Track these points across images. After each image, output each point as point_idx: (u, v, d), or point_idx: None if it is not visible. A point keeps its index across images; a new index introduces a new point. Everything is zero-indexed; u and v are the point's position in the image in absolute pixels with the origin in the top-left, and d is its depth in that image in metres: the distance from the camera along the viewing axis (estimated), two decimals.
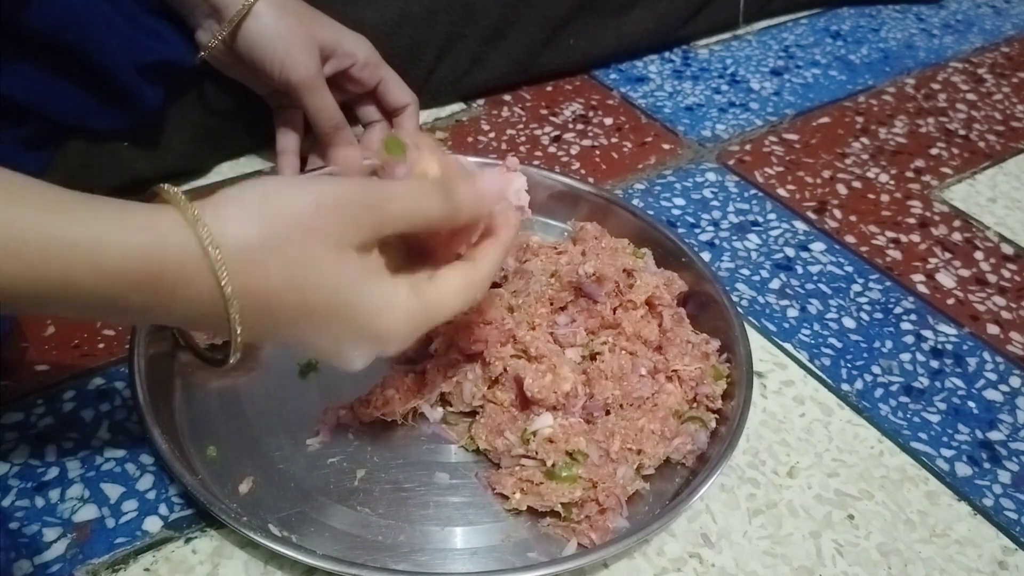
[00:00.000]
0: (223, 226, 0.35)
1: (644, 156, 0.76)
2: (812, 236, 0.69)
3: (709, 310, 0.57)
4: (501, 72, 0.80)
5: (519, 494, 0.47)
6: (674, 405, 0.51)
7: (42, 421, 0.50)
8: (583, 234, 0.61)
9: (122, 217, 0.34)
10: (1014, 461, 0.54)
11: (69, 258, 0.33)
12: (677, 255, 0.60)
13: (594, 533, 0.46)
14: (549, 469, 0.47)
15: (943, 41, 0.99)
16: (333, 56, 0.62)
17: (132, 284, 0.34)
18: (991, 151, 0.82)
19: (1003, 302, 0.65)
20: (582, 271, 0.54)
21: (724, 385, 0.53)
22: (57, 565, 0.44)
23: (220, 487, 0.47)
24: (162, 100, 0.62)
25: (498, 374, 0.51)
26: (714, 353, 0.55)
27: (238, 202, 0.36)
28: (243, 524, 0.44)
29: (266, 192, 0.37)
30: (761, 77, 0.89)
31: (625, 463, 0.48)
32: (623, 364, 0.51)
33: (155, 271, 0.34)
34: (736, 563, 0.47)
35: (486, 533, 0.47)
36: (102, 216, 0.34)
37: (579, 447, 0.48)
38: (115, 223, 0.34)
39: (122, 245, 0.33)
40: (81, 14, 0.54)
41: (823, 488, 0.51)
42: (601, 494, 0.47)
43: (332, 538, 0.46)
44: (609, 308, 0.54)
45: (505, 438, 0.49)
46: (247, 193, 0.37)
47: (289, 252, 0.36)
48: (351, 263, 0.38)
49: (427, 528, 0.47)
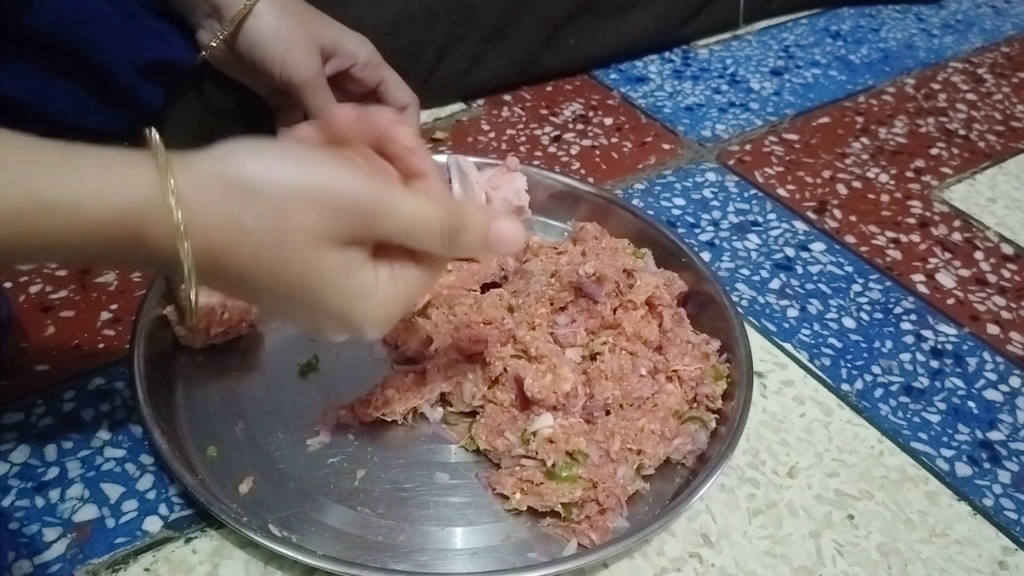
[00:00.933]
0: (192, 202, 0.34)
1: (644, 156, 0.76)
2: (812, 236, 0.69)
3: (709, 310, 0.57)
4: (501, 72, 0.80)
5: (519, 494, 0.47)
6: (674, 405, 0.51)
7: (42, 421, 0.50)
8: (583, 234, 0.61)
9: (102, 180, 0.34)
10: (1014, 461, 0.54)
11: (49, 221, 0.33)
12: (677, 255, 0.60)
13: (594, 533, 0.46)
14: (549, 469, 0.47)
15: (943, 41, 0.99)
16: (334, 56, 0.62)
17: (111, 244, 0.34)
18: (991, 151, 0.82)
19: (1003, 302, 0.65)
20: (582, 271, 0.54)
21: (724, 385, 0.53)
22: (57, 565, 0.44)
23: (220, 487, 0.47)
24: (162, 100, 0.62)
25: (498, 374, 0.51)
26: (714, 353, 0.55)
27: (217, 172, 0.35)
28: (243, 524, 0.44)
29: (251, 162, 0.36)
30: (761, 77, 0.89)
31: (625, 463, 0.48)
32: (623, 364, 0.51)
33: (131, 233, 0.34)
34: (736, 563, 0.47)
35: (486, 533, 0.47)
36: (83, 178, 0.34)
37: (579, 447, 0.48)
38: (94, 186, 0.33)
39: (98, 210, 0.33)
40: (81, 14, 0.54)
41: (823, 488, 0.51)
42: (601, 494, 0.47)
43: (332, 538, 0.46)
44: (609, 308, 0.54)
45: (505, 438, 0.49)
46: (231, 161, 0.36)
47: (261, 235, 0.35)
48: (328, 258, 0.37)
49: (427, 528, 0.47)
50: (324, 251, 0.37)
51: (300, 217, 0.35)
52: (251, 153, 0.36)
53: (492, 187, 0.63)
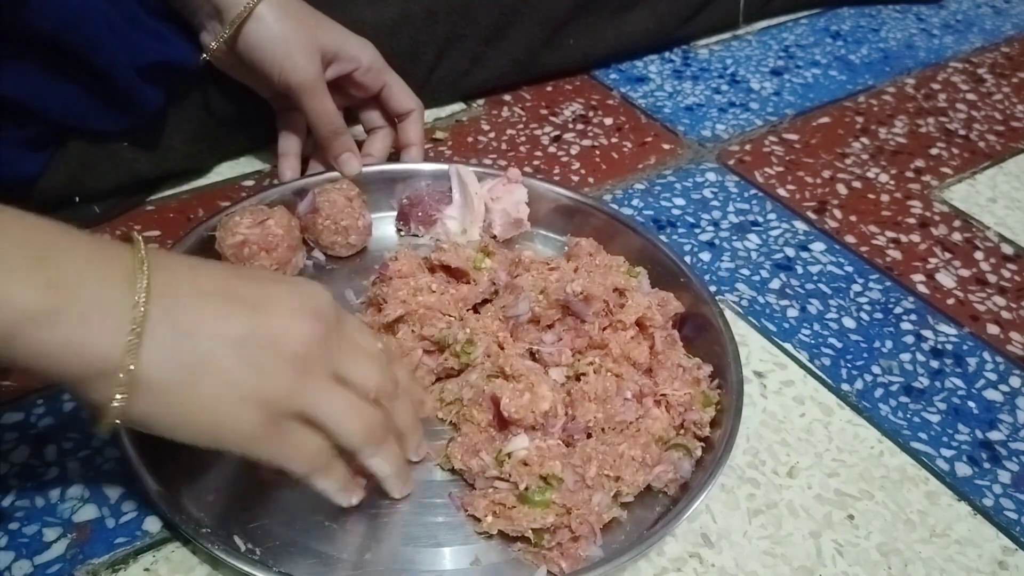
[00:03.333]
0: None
1: (644, 156, 0.77)
2: (812, 236, 0.69)
3: (705, 333, 0.55)
4: (501, 72, 0.80)
5: (491, 517, 0.46)
6: (658, 431, 0.49)
7: (42, 421, 0.50)
8: (577, 250, 0.59)
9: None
10: (1014, 461, 0.54)
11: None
12: (676, 275, 0.58)
13: (564, 561, 0.44)
14: (522, 493, 0.45)
15: (943, 41, 0.99)
16: (336, 60, 0.62)
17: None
18: (991, 151, 0.82)
19: (1003, 302, 0.65)
20: (570, 289, 0.51)
21: (713, 412, 0.51)
22: (57, 565, 0.44)
23: (189, 496, 0.46)
24: (163, 101, 0.62)
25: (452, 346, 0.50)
26: (705, 379, 0.53)
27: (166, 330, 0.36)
28: (203, 536, 0.43)
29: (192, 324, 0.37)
30: (761, 77, 0.89)
31: (601, 490, 0.46)
32: (607, 386, 0.49)
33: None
34: (736, 563, 0.47)
35: (455, 555, 0.45)
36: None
37: (554, 471, 0.46)
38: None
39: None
40: (83, 15, 0.54)
41: (823, 488, 0.51)
42: (574, 521, 0.45)
43: (298, 553, 0.44)
44: (597, 328, 0.52)
45: (480, 458, 0.47)
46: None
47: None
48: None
49: (395, 547, 0.45)
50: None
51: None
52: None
53: (492, 198, 0.62)
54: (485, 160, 0.74)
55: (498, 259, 0.57)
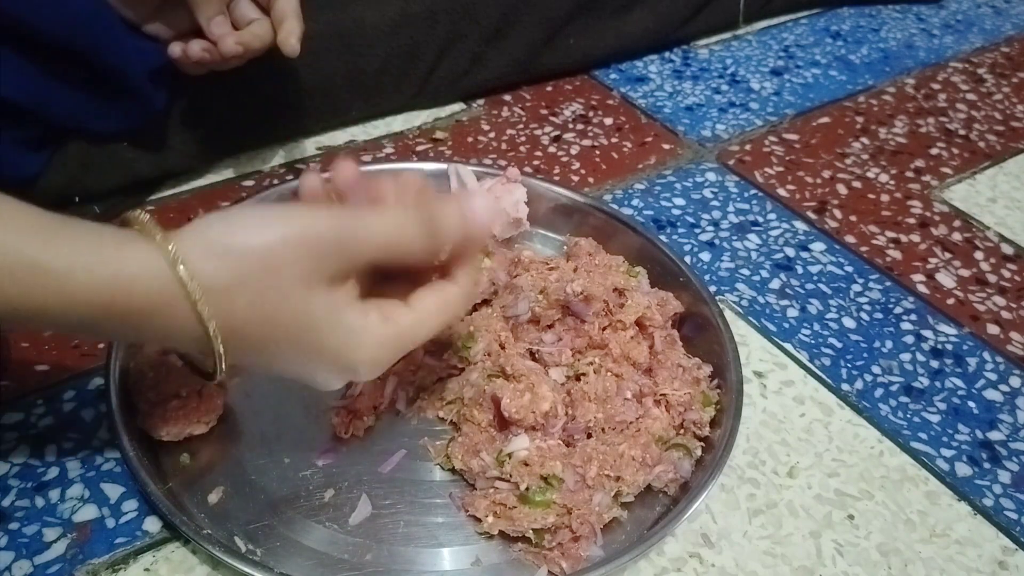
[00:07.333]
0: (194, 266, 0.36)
1: (644, 156, 0.76)
2: (812, 236, 0.69)
3: (705, 332, 0.56)
4: (501, 72, 0.80)
5: (492, 517, 0.46)
6: (658, 431, 0.49)
7: (42, 421, 0.50)
8: (577, 250, 0.59)
9: (95, 248, 0.35)
10: (1014, 461, 0.54)
11: (40, 284, 0.34)
12: (676, 274, 0.58)
13: (565, 561, 0.44)
14: (522, 493, 0.45)
15: (943, 41, 0.99)
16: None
17: (101, 313, 0.35)
18: (991, 151, 0.82)
19: (1003, 302, 0.65)
20: (570, 289, 0.51)
21: (712, 412, 0.51)
22: (57, 565, 0.44)
23: (190, 496, 0.46)
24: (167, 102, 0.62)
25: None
26: (705, 379, 0.53)
27: (204, 240, 0.37)
28: (204, 537, 0.43)
29: (231, 229, 0.37)
30: (761, 77, 0.89)
31: (602, 490, 0.46)
32: (607, 386, 0.50)
33: (122, 302, 0.35)
34: (736, 563, 0.47)
35: (455, 556, 0.45)
36: (76, 245, 0.35)
37: (554, 471, 0.46)
38: (87, 254, 0.35)
39: (91, 277, 0.34)
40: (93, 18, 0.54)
41: (823, 488, 0.51)
42: (575, 521, 0.45)
43: (297, 553, 0.44)
44: (597, 328, 0.52)
45: (481, 459, 0.47)
46: (213, 230, 0.37)
47: (255, 288, 0.37)
48: (318, 298, 0.38)
49: (395, 548, 0.45)
50: (313, 294, 0.38)
51: (287, 267, 0.37)
52: (227, 223, 0.38)
53: (491, 197, 0.62)
54: (485, 160, 0.73)
55: (497, 259, 0.57)
